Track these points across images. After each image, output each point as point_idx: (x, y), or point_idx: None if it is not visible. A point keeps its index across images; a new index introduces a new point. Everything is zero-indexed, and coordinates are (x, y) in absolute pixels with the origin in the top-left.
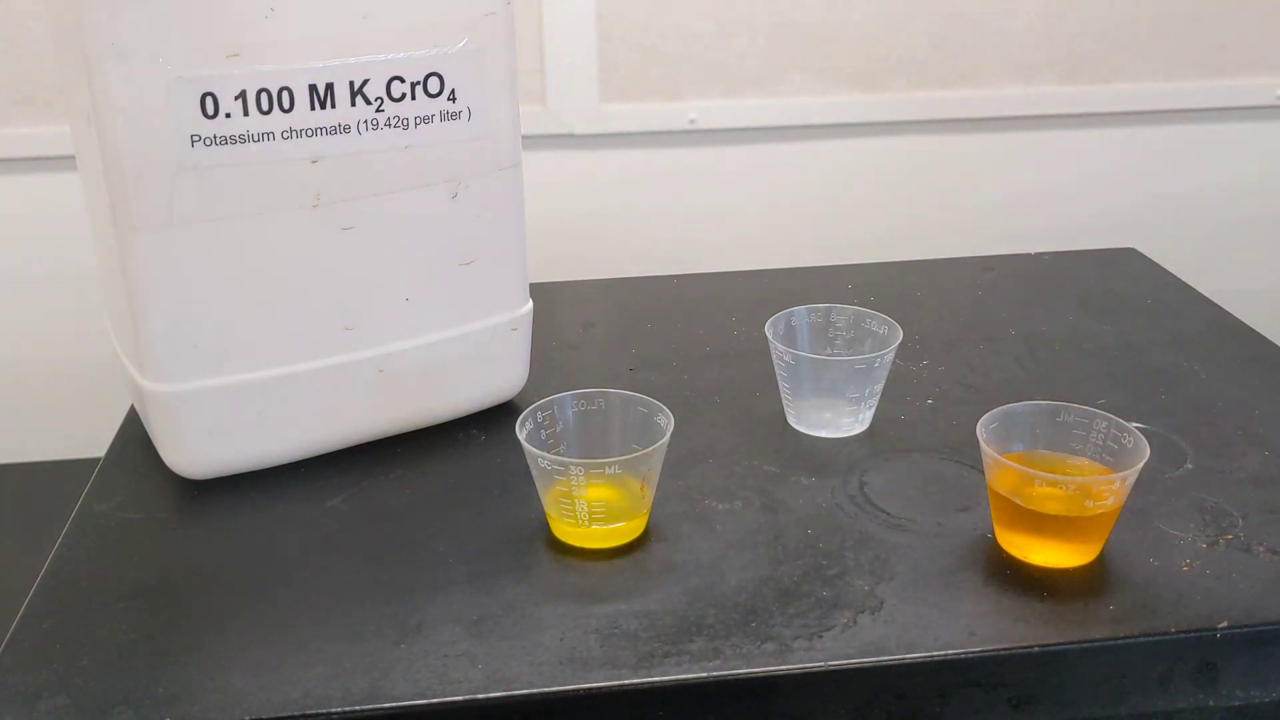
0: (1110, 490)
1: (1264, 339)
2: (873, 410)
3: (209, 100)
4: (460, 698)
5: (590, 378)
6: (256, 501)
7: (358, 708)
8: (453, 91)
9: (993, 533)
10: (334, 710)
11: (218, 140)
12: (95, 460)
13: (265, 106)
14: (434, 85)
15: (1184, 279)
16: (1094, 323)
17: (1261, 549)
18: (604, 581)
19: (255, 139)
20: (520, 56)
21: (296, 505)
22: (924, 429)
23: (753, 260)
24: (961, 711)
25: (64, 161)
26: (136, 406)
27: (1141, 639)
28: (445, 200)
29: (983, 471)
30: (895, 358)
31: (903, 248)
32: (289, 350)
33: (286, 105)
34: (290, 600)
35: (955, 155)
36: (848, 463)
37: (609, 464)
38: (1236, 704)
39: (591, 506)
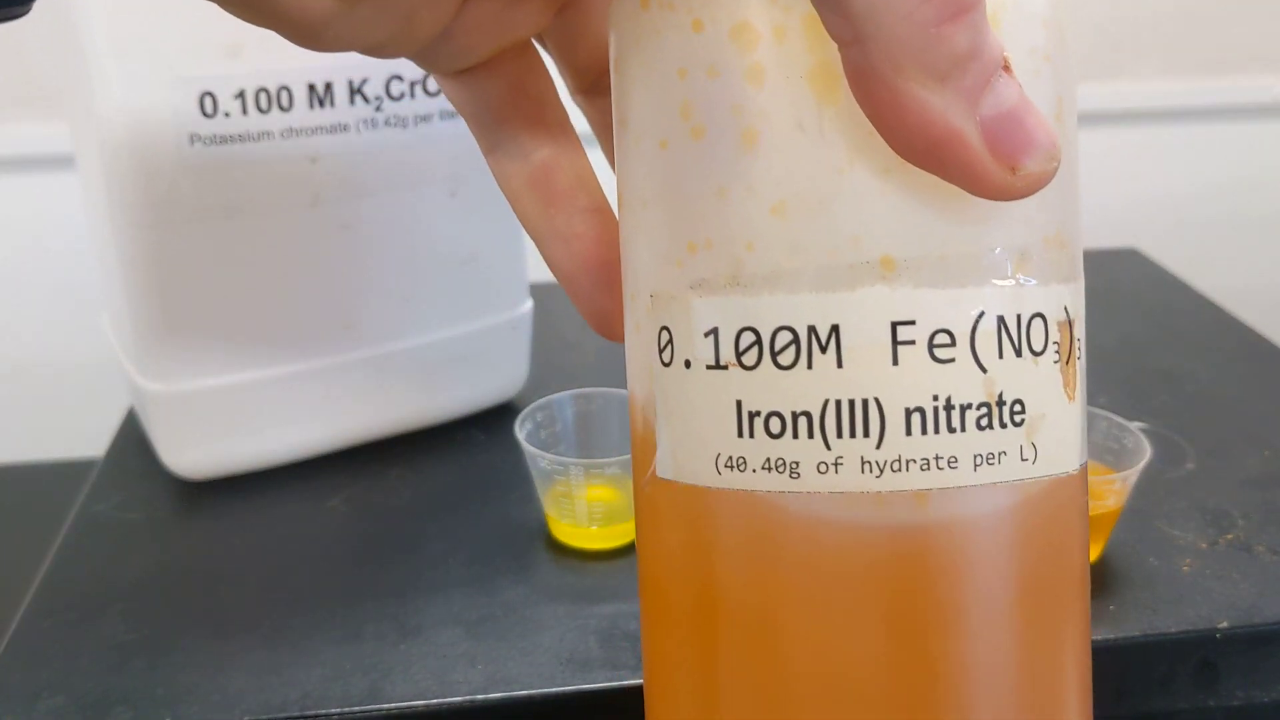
0: (1111, 490)
1: (1264, 339)
2: None
3: (208, 100)
4: (460, 699)
5: (590, 378)
6: (256, 501)
7: (357, 708)
8: None
9: None
10: (333, 711)
11: (216, 139)
12: (95, 460)
13: (264, 105)
14: (433, 84)
15: (1184, 279)
16: (1094, 323)
17: (1262, 549)
18: (604, 582)
19: (254, 138)
20: None
21: (296, 505)
22: None
23: None
24: None
25: (64, 161)
26: (135, 406)
27: (1141, 639)
28: (445, 199)
29: None
30: None
31: None
32: (288, 350)
33: (285, 104)
34: (290, 600)
35: None
36: None
37: (609, 464)
38: (1236, 704)
39: (591, 507)
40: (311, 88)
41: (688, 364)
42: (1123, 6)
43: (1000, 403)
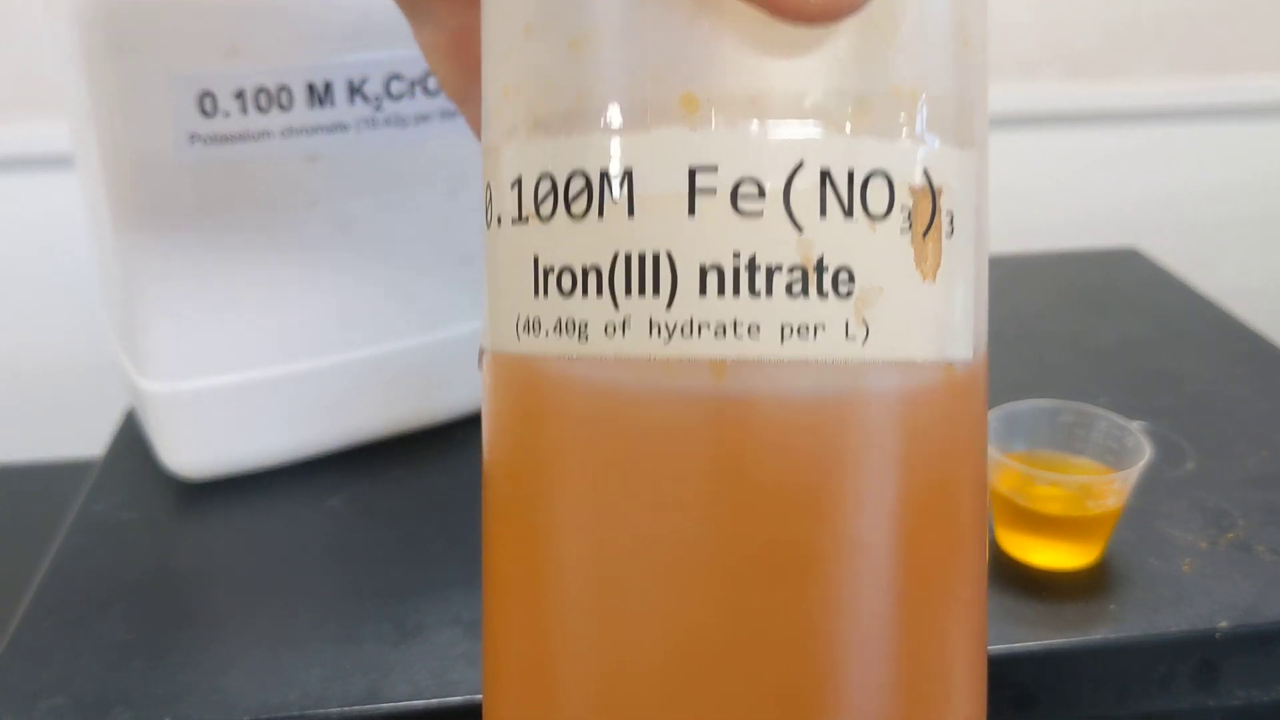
0: (1111, 490)
1: (1264, 339)
2: None
3: (207, 99)
4: (459, 699)
5: None
6: (256, 502)
7: (356, 708)
8: None
9: (993, 532)
10: (332, 710)
11: (216, 139)
12: (95, 460)
13: (264, 105)
14: (433, 83)
15: (1184, 279)
16: (1094, 323)
17: (1262, 549)
18: None
19: (253, 138)
20: None
21: (296, 505)
22: None
23: None
24: None
25: (64, 161)
26: (135, 406)
27: (1141, 639)
28: (444, 199)
29: None
30: None
31: None
32: (287, 350)
33: (285, 104)
34: (289, 601)
35: None
36: None
37: None
38: (1236, 704)
39: None
40: (311, 87)
41: (500, 220)
42: (1125, 6)
43: (820, 268)
